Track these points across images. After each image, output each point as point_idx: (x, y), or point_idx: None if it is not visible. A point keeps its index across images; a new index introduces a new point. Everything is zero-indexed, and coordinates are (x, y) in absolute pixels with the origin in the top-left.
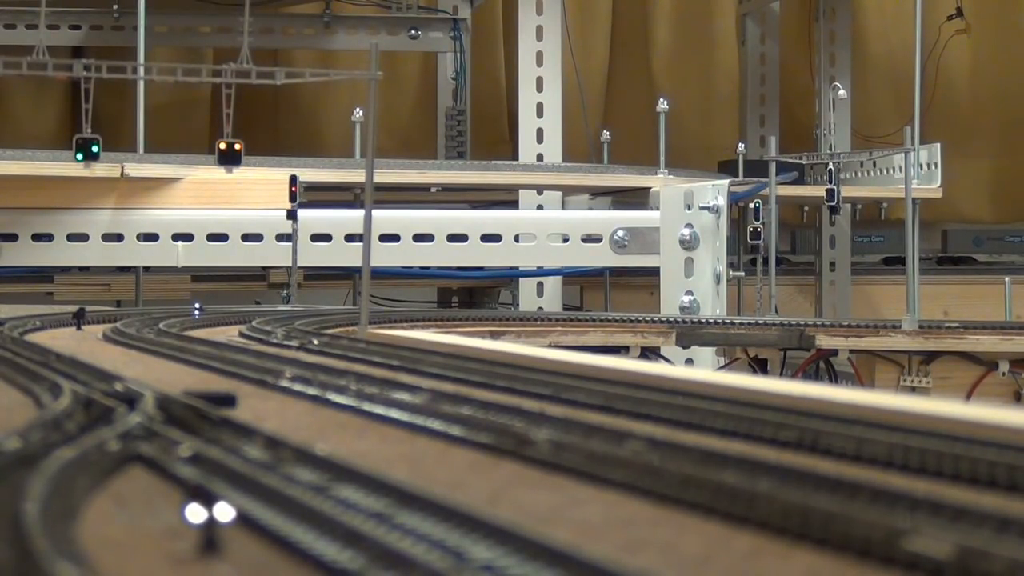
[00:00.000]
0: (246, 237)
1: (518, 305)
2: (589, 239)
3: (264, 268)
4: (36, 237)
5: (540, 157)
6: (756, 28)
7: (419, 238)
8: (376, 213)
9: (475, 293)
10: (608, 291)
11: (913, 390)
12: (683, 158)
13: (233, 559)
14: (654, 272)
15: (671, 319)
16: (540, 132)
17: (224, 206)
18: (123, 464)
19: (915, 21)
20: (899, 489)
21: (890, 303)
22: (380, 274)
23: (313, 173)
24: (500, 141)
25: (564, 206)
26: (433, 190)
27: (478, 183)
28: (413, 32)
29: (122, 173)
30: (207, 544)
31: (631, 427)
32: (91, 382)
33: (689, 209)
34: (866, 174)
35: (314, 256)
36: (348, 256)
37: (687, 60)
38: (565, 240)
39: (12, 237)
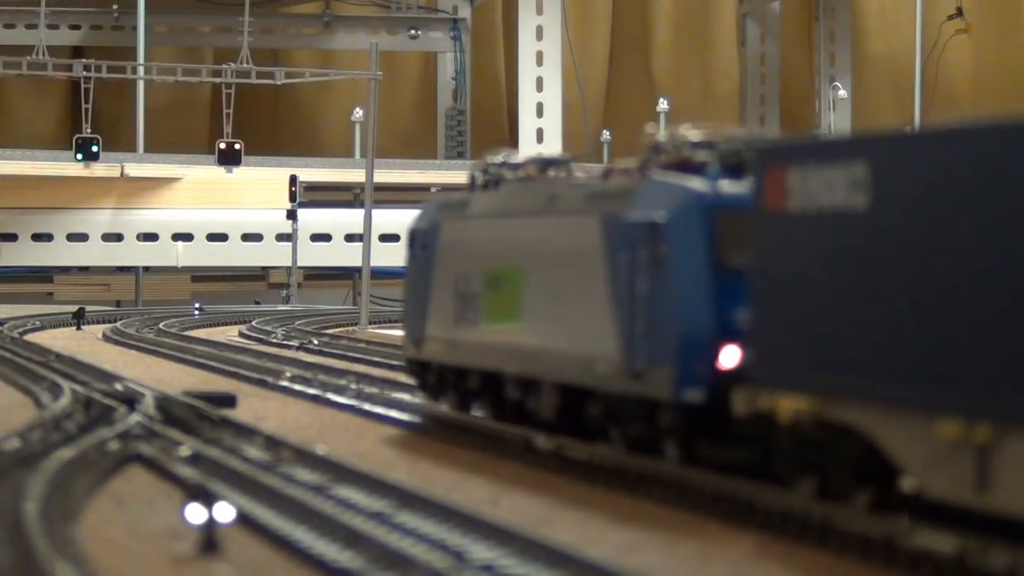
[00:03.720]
0: (246, 237)
1: None
2: None
3: (264, 268)
4: (36, 237)
5: None
6: (756, 28)
7: None
8: (376, 213)
9: None
10: None
11: None
12: None
13: (232, 559)
14: None
15: None
16: (540, 132)
17: (223, 206)
18: (123, 464)
19: (915, 21)
20: None
21: None
22: (380, 274)
23: (313, 173)
24: (500, 141)
25: None
26: (433, 190)
27: None
28: (413, 32)
29: (122, 173)
30: (207, 544)
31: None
32: (91, 382)
33: None
34: None
35: (314, 256)
36: (348, 256)
37: (687, 60)
38: None
39: (12, 237)
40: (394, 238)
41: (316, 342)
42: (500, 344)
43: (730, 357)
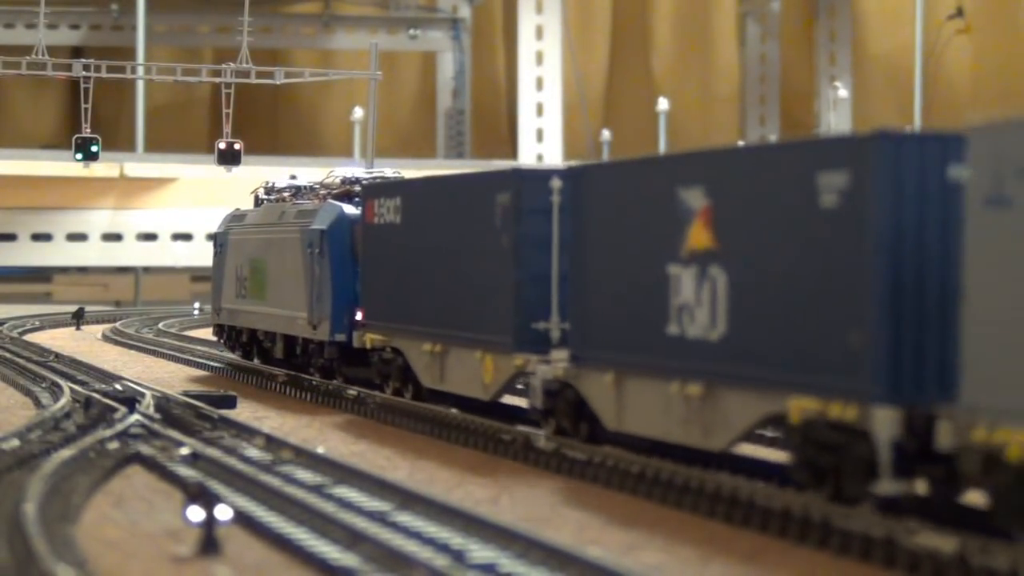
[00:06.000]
0: None
1: None
2: None
3: None
4: (35, 237)
5: (540, 157)
6: (756, 28)
7: None
8: None
9: None
10: None
11: None
12: None
13: (232, 559)
14: None
15: None
16: (540, 132)
17: (223, 206)
18: (123, 464)
19: (915, 21)
20: None
21: None
22: None
23: (313, 173)
24: (500, 141)
25: None
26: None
27: None
28: (413, 32)
29: (121, 173)
30: (206, 544)
31: None
32: (91, 382)
33: None
34: None
35: None
36: None
37: (687, 60)
38: None
39: (11, 237)
40: None
41: None
42: (256, 311)
43: (360, 314)
